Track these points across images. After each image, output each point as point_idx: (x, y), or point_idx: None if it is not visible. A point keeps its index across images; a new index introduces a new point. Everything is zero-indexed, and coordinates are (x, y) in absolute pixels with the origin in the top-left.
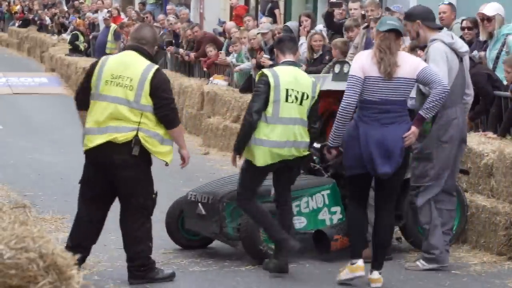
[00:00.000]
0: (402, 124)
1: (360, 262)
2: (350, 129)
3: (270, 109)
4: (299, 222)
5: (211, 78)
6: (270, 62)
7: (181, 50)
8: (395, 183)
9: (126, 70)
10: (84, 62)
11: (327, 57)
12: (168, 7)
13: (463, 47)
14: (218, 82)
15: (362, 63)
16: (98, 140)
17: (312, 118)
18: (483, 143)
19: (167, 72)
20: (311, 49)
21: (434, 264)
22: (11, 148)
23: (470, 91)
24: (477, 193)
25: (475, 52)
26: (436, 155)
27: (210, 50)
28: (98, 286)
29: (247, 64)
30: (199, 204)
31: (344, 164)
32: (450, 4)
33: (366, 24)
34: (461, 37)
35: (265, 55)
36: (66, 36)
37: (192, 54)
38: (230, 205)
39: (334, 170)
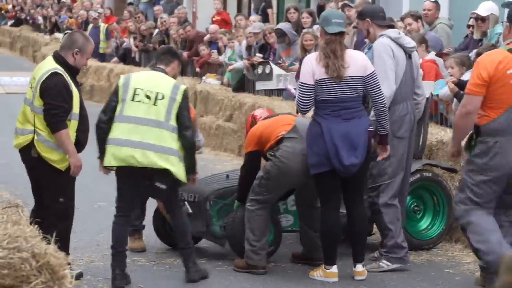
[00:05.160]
0: (362, 118)
1: (334, 269)
2: (311, 127)
3: (118, 108)
4: (286, 220)
5: (203, 77)
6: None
7: None
8: (360, 179)
9: (36, 72)
10: None
11: None
12: (156, 8)
13: (410, 43)
14: (211, 81)
15: (312, 68)
16: (14, 141)
17: (180, 125)
18: None
19: None
20: (303, 48)
21: (398, 264)
22: (4, 147)
23: (421, 91)
24: None
25: (472, 53)
26: (393, 152)
27: (203, 49)
28: (90, 286)
29: (240, 64)
30: (186, 202)
31: (309, 163)
32: (435, 2)
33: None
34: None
35: (258, 54)
36: (59, 35)
37: (185, 53)
38: (216, 203)
39: None
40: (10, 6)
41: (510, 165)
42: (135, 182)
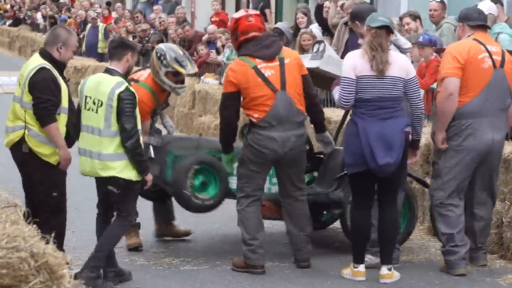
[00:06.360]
0: (399, 118)
1: (361, 268)
2: (349, 126)
3: None
4: (235, 183)
5: (202, 77)
6: None
7: None
8: (396, 179)
9: (24, 69)
10: (75, 61)
11: None
12: (155, 7)
13: (406, 43)
14: (209, 81)
15: (354, 63)
16: (5, 139)
17: (120, 131)
18: None
19: None
20: (301, 48)
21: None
22: (2, 147)
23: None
24: None
25: None
26: None
27: (202, 49)
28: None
29: None
30: (150, 146)
31: (346, 163)
32: (441, 1)
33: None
34: None
35: None
36: None
37: None
38: (174, 151)
39: None
40: (8, 6)
41: (482, 145)
42: (99, 187)
